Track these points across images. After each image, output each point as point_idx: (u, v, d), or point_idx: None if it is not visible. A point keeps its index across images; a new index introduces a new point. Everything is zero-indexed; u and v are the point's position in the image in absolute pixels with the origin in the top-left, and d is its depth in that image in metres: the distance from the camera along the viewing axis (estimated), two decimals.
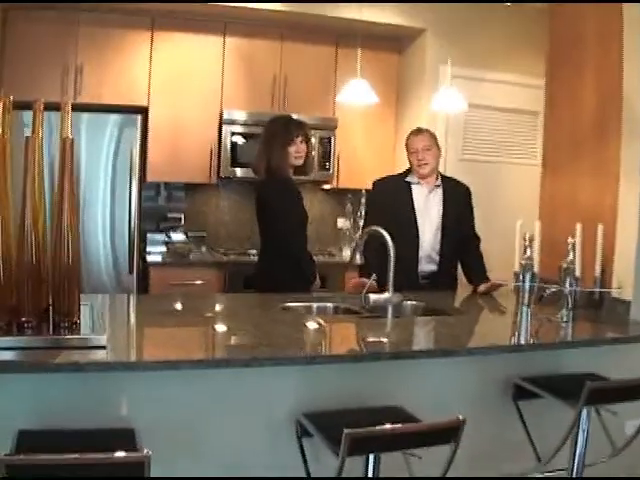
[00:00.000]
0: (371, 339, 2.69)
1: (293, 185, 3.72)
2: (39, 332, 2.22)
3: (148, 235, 4.98)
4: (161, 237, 5.01)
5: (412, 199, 3.85)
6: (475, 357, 2.69)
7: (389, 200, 3.85)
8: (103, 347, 2.16)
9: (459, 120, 5.15)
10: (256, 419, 2.43)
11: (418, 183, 3.87)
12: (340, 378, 2.49)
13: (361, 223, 5.45)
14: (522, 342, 2.74)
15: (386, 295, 2.95)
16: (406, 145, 3.88)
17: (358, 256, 3.17)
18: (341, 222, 5.59)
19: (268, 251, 3.78)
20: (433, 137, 3.86)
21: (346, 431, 1.95)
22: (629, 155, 3.30)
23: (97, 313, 2.60)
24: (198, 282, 4.62)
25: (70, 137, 2.30)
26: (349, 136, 5.28)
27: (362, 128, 5.36)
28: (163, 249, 4.95)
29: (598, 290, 3.21)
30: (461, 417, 2.12)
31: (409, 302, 3.29)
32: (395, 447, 2.11)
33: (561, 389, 2.75)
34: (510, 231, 4.35)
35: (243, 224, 5.41)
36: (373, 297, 2.92)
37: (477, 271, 3.82)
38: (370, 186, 5.43)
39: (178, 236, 5.05)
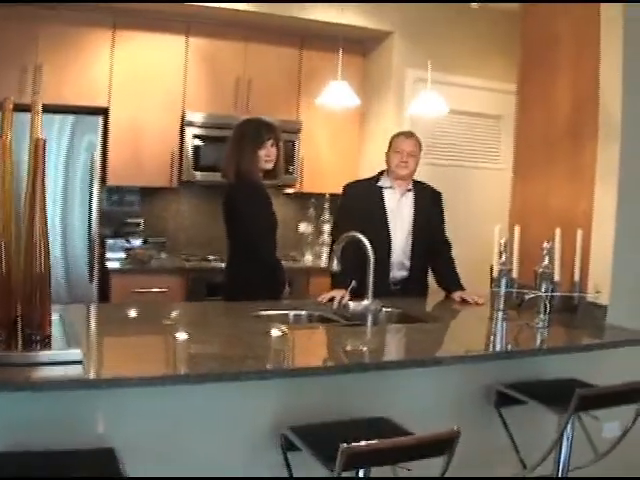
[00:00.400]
0: (356, 349, 2.62)
1: (263, 189, 3.62)
2: (8, 347, 2.08)
3: (107, 241, 4.80)
4: (120, 243, 4.84)
5: (384, 204, 3.79)
6: (458, 365, 2.65)
7: (360, 204, 3.78)
8: (79, 362, 2.04)
9: (425, 124, 5.12)
10: (238, 433, 2.34)
11: (390, 187, 3.81)
12: (324, 389, 2.41)
13: (325, 228, 5.39)
14: (508, 349, 2.70)
15: (365, 302, 2.87)
16: (391, 144, 3.81)
17: (335, 263, 3.07)
18: (303, 227, 5.49)
19: (236, 257, 3.67)
20: (420, 145, 3.81)
21: (342, 447, 1.89)
22: (605, 159, 3.29)
23: (67, 325, 2.46)
24: (160, 289, 4.48)
25: (42, 138, 2.16)
26: (313, 140, 5.21)
27: (326, 132, 5.29)
28: (122, 255, 4.79)
29: (577, 295, 3.18)
30: (456, 428, 2.06)
31: (384, 309, 3.22)
32: (391, 461, 2.06)
33: (545, 395, 2.75)
34: (475, 235, 4.36)
35: (204, 229, 5.29)
36: (352, 305, 2.84)
37: (450, 278, 3.77)
38: (334, 190, 5.39)
39: (137, 242, 4.89)
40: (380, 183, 3.83)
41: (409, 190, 3.83)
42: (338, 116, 5.26)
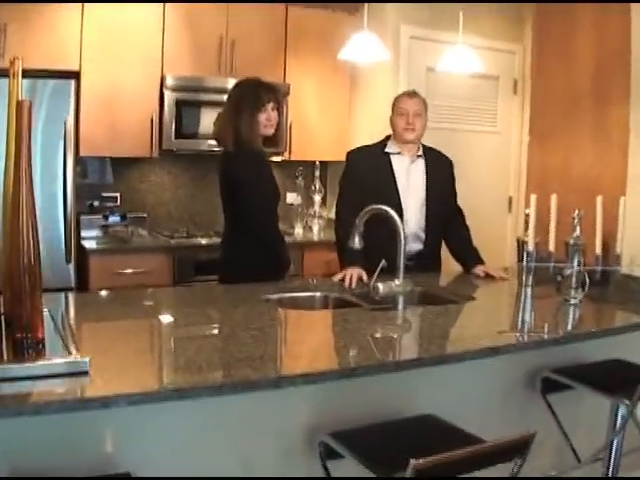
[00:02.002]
0: (398, 341, 2.30)
1: (264, 158, 3.27)
2: None
3: (82, 217, 4.38)
4: (97, 220, 4.43)
5: (393, 172, 3.46)
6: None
7: (367, 172, 3.44)
8: (85, 373, 1.68)
9: (420, 85, 4.77)
10: (268, 442, 2.02)
11: (399, 153, 3.48)
12: (359, 388, 2.09)
13: (316, 198, 5.06)
14: (564, 333, 2.40)
15: (396, 283, 2.54)
16: (393, 106, 3.48)
17: (357, 239, 2.73)
18: (292, 197, 5.14)
19: (234, 233, 3.31)
20: (425, 104, 3.48)
21: (413, 462, 1.60)
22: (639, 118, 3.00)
23: (58, 322, 2.09)
24: (143, 270, 4.09)
25: (27, 100, 1.77)
26: (301, 103, 4.83)
27: (315, 95, 4.91)
28: (99, 233, 4.39)
29: (619, 269, 2.90)
30: (531, 431, 1.78)
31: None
32: (463, 472, 1.75)
33: (595, 380, 2.52)
34: (475, 203, 4.04)
35: (187, 203, 4.91)
36: (382, 287, 2.51)
37: (469, 251, 3.47)
38: (324, 157, 5.08)
39: (115, 218, 4.48)
40: (387, 149, 3.50)
41: (419, 156, 3.51)
42: (326, 78, 4.92)
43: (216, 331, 2.23)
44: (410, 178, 3.47)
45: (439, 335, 2.29)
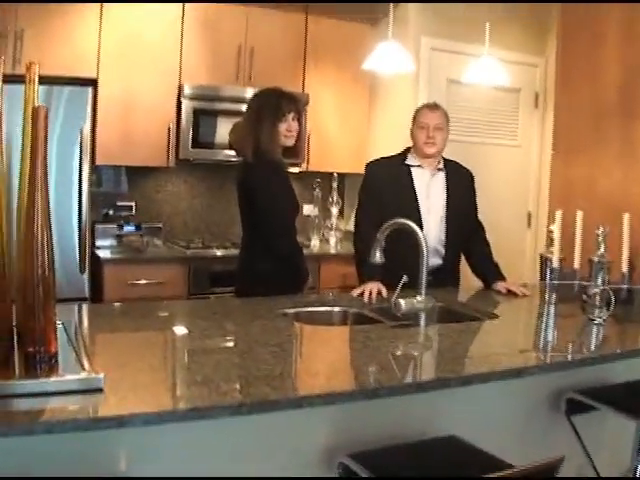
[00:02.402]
0: (426, 360, 2.23)
1: (284, 169, 3.22)
2: (4, 370, 1.66)
3: (97, 226, 4.34)
4: (111, 229, 4.38)
5: (413, 185, 3.39)
6: None
7: (387, 185, 3.38)
8: (99, 390, 1.62)
9: (440, 97, 4.71)
10: (286, 463, 1.94)
11: (419, 166, 3.42)
12: (379, 408, 2.01)
13: (333, 210, 5.00)
14: (591, 354, 2.32)
15: (418, 299, 2.47)
16: (414, 118, 3.41)
17: (378, 254, 2.67)
18: (309, 209, 5.08)
19: (252, 246, 3.25)
20: (447, 117, 3.42)
21: None
22: None
23: (72, 335, 2.03)
24: (158, 281, 4.04)
25: (44, 106, 1.72)
26: (320, 114, 4.78)
27: (334, 106, 4.86)
28: (113, 242, 4.34)
29: None
30: (558, 455, 1.71)
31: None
32: None
33: (621, 401, 2.44)
34: (494, 218, 3.96)
35: (202, 213, 4.86)
36: (404, 303, 2.44)
37: (489, 267, 3.39)
38: (342, 169, 5.02)
39: (130, 227, 4.43)
40: (407, 161, 3.44)
41: (440, 169, 3.45)
42: (346, 89, 4.87)
43: (233, 346, 2.17)
44: (430, 192, 3.40)
45: (462, 355, 2.22)
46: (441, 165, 3.46)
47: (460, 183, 3.47)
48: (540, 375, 2.26)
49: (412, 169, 3.42)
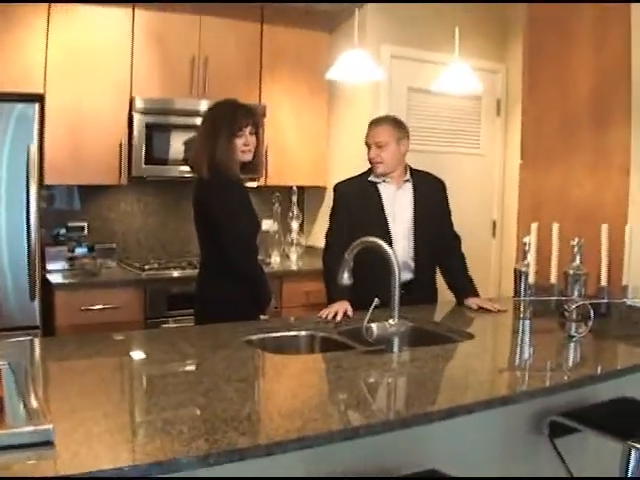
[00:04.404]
0: (406, 392, 2.08)
1: (241, 186, 3.05)
2: None
3: (47, 249, 4.11)
4: (62, 252, 4.16)
5: (381, 200, 3.30)
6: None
7: (355, 205, 3.30)
8: (49, 443, 1.44)
9: (401, 106, 4.61)
10: None
11: (383, 181, 3.31)
12: (355, 445, 1.85)
13: (293, 225, 4.84)
14: (566, 380, 2.19)
15: (391, 322, 2.33)
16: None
17: (346, 275, 2.52)
18: (268, 224, 4.91)
19: (210, 268, 3.09)
20: (394, 129, 3.27)
21: None
22: None
23: (20, 376, 1.84)
24: (113, 306, 3.82)
25: None
26: (278, 126, 4.63)
27: (292, 117, 4.71)
28: (65, 265, 4.11)
29: (626, 301, 2.73)
30: None
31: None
32: None
33: (605, 422, 2.35)
34: (461, 228, 3.85)
35: (158, 232, 4.66)
36: (375, 327, 2.29)
37: (463, 282, 3.28)
38: (302, 182, 4.88)
39: (82, 250, 4.21)
40: (372, 178, 3.33)
41: (406, 181, 3.33)
42: (304, 100, 4.73)
43: (196, 383, 1.99)
44: (397, 205, 3.29)
45: (442, 384, 2.07)
46: (407, 177, 3.34)
47: (429, 193, 3.36)
48: (526, 400, 2.14)
49: (378, 185, 3.31)
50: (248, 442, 1.52)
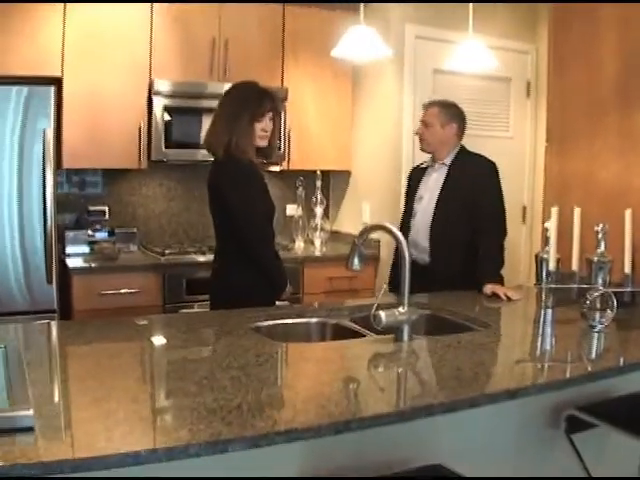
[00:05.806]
0: (410, 385, 2.00)
1: (257, 171, 2.98)
2: None
3: (67, 233, 4.10)
4: (82, 235, 4.15)
5: (419, 183, 3.44)
6: None
7: (410, 188, 3.53)
8: (29, 429, 1.40)
9: (427, 88, 4.49)
10: None
11: (432, 165, 3.41)
12: (357, 439, 1.78)
13: (317, 210, 4.76)
14: (585, 371, 2.09)
15: (400, 310, 2.24)
16: None
17: (356, 261, 2.43)
18: (291, 209, 4.86)
19: (225, 253, 3.04)
20: (440, 113, 3.35)
21: None
22: None
23: (11, 362, 1.80)
24: (131, 290, 3.80)
25: None
26: (301, 109, 4.55)
27: (315, 100, 4.63)
28: (85, 250, 4.10)
29: None
30: None
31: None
32: None
33: (626, 418, 2.22)
34: None
35: (179, 216, 4.63)
36: (384, 315, 2.20)
37: (481, 264, 3.14)
38: (326, 167, 4.80)
39: (102, 234, 4.20)
40: (425, 163, 3.49)
41: (444, 164, 3.33)
42: (327, 83, 4.64)
43: (192, 371, 1.93)
44: (426, 186, 3.39)
45: (450, 375, 1.97)
46: (448, 160, 3.29)
47: (464, 175, 3.30)
48: (537, 394, 2.04)
49: (427, 169, 3.45)
50: (232, 434, 1.45)
